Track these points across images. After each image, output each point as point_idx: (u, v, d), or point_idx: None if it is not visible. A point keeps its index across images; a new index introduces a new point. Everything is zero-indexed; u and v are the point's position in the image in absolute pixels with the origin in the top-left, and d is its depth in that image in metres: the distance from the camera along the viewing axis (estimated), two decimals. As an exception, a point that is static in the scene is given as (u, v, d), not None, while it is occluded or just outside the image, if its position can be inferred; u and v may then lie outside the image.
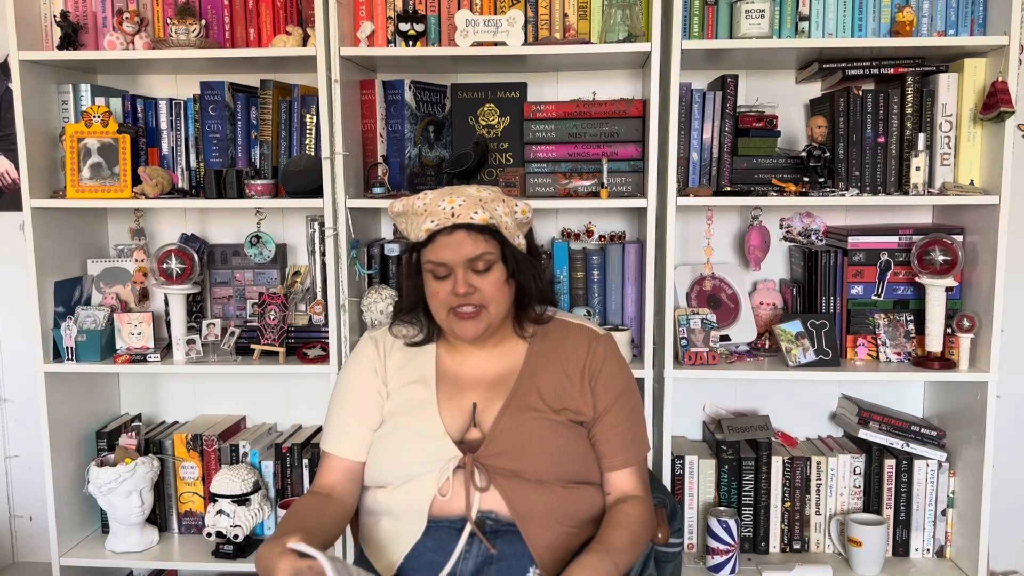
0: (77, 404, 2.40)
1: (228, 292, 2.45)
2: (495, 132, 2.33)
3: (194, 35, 2.18)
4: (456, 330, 1.57)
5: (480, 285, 1.54)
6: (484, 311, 1.56)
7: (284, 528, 1.47)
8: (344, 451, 1.62)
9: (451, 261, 1.54)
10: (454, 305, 1.55)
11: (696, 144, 2.20)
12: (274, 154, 2.32)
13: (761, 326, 2.32)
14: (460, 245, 1.54)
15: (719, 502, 2.31)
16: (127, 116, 2.34)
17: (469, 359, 1.65)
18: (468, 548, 1.51)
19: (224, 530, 2.25)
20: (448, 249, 1.54)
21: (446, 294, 1.55)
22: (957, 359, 2.16)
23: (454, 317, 1.56)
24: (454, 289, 1.54)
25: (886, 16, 2.14)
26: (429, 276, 1.58)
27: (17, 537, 2.73)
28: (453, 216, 1.53)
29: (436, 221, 1.53)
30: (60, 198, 2.26)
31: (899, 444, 2.26)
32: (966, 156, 2.14)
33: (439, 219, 1.53)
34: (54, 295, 2.29)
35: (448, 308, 1.56)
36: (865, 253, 2.26)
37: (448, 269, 1.55)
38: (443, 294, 1.55)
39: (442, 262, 1.54)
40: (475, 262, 1.54)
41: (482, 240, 1.55)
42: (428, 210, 1.56)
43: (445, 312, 1.57)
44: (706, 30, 2.15)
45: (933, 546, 2.31)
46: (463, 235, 1.54)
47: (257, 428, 2.56)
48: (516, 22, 2.13)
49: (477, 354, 1.65)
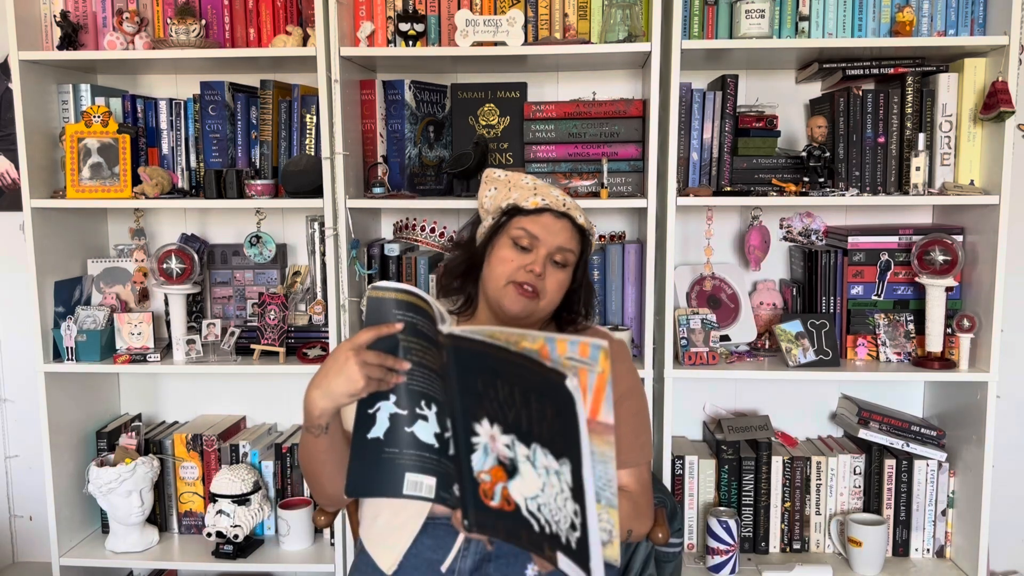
0: (77, 404, 2.40)
1: (228, 292, 2.45)
2: (495, 132, 2.33)
3: (194, 35, 2.18)
4: (506, 302, 1.60)
5: (549, 276, 1.60)
6: (537, 299, 1.60)
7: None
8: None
9: (544, 240, 1.59)
10: (520, 279, 1.58)
11: (696, 144, 2.20)
12: (274, 154, 2.32)
13: (761, 326, 2.32)
14: (560, 231, 1.61)
15: (719, 502, 2.31)
16: (127, 116, 2.34)
17: None
18: (466, 545, 1.51)
19: (224, 530, 2.25)
20: (547, 229, 1.60)
21: (518, 266, 1.59)
22: (957, 359, 2.16)
23: (512, 287, 1.59)
24: (530, 265, 1.58)
25: (886, 16, 2.14)
26: (508, 243, 1.61)
27: (17, 537, 2.73)
28: (565, 206, 1.62)
29: (548, 201, 1.61)
30: (60, 198, 2.26)
31: (899, 444, 2.26)
32: (966, 156, 2.14)
33: (551, 201, 1.61)
34: (54, 295, 2.29)
35: (511, 279, 1.59)
36: (865, 253, 2.26)
37: (535, 245, 1.60)
38: (515, 264, 1.59)
39: (536, 235, 1.60)
40: (558, 254, 1.60)
41: (575, 240, 1.63)
42: (538, 191, 1.63)
43: (505, 280, 1.59)
44: (706, 30, 2.15)
45: (933, 546, 2.31)
46: (566, 224, 1.62)
47: (257, 428, 2.56)
48: (516, 22, 2.13)
49: None
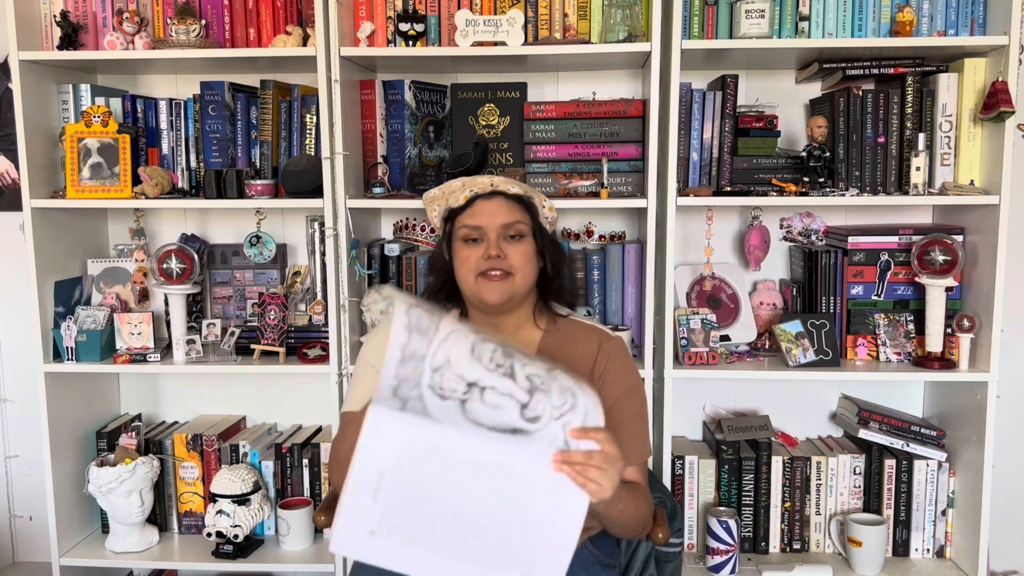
0: (77, 404, 2.40)
1: (228, 292, 2.45)
2: (495, 132, 2.33)
3: (194, 35, 2.18)
4: (483, 293, 1.61)
5: (510, 252, 1.62)
6: (510, 278, 1.61)
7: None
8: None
9: (486, 225, 1.62)
10: (483, 269, 1.61)
11: (696, 144, 2.20)
12: (274, 154, 2.32)
13: (761, 326, 2.32)
14: (496, 211, 1.63)
15: (719, 502, 2.31)
16: (127, 116, 2.34)
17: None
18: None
19: (224, 530, 2.25)
20: (484, 214, 1.63)
21: (477, 258, 1.62)
22: (957, 359, 2.16)
23: (482, 280, 1.61)
24: (485, 252, 1.61)
25: (886, 16, 2.14)
26: (460, 244, 1.65)
27: (17, 537, 2.73)
28: (492, 185, 1.66)
29: (475, 190, 1.66)
30: (60, 198, 2.26)
31: (899, 444, 2.26)
32: (966, 156, 2.14)
33: (478, 188, 1.66)
34: (54, 295, 2.29)
35: (477, 272, 1.62)
36: (865, 253, 2.26)
37: (482, 234, 1.63)
38: (474, 259, 1.62)
39: (477, 225, 1.63)
40: (508, 228, 1.63)
41: (517, 210, 1.65)
42: (467, 185, 1.68)
43: (473, 277, 1.62)
44: (706, 30, 2.15)
45: (933, 546, 2.31)
46: (500, 201, 1.64)
47: (257, 428, 2.56)
48: (516, 22, 2.13)
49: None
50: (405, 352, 1.24)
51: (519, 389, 1.27)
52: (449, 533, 1.28)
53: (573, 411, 1.30)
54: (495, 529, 1.29)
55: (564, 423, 1.30)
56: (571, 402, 1.30)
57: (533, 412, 1.29)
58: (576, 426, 1.30)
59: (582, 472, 1.29)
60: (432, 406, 1.27)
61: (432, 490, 1.28)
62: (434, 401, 1.27)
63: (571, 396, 1.30)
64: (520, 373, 1.28)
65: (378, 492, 1.26)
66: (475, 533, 1.29)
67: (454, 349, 1.26)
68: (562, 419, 1.30)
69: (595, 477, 1.29)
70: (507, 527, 1.29)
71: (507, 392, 1.27)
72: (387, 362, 1.23)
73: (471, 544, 1.29)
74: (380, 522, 1.27)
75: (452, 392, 1.27)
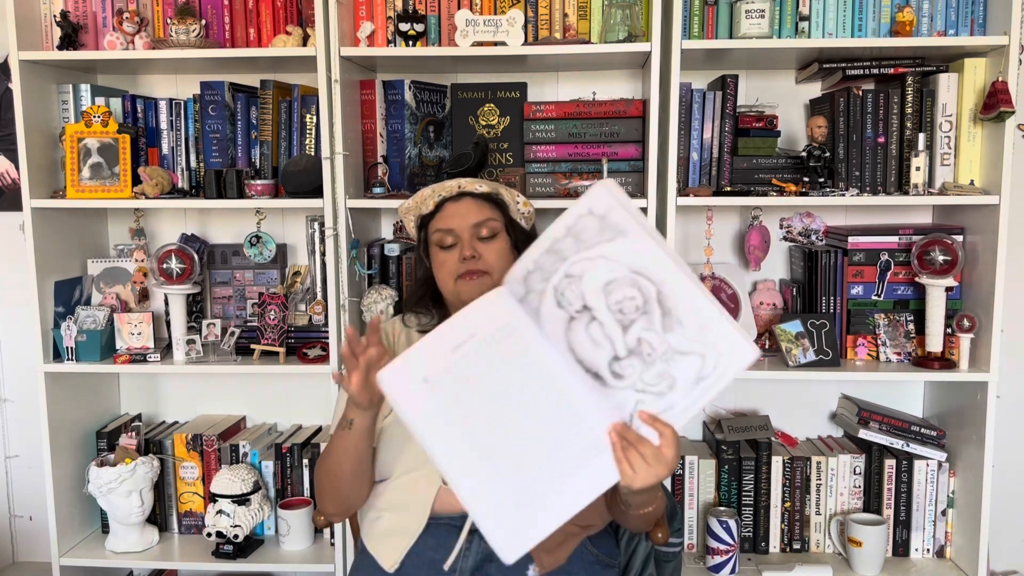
0: (77, 404, 2.40)
1: (228, 292, 2.45)
2: (495, 132, 2.33)
3: (194, 35, 2.18)
4: (463, 295, 1.61)
5: (484, 252, 1.62)
6: (487, 277, 1.61)
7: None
8: None
9: (458, 227, 1.64)
10: (460, 271, 1.62)
11: (696, 144, 2.20)
12: (274, 154, 2.32)
13: (761, 326, 2.32)
14: (466, 212, 1.65)
15: (719, 502, 2.31)
16: (127, 116, 2.34)
17: None
18: (468, 545, 1.51)
19: (224, 530, 2.25)
20: (455, 217, 1.65)
21: (453, 262, 1.63)
22: (957, 359, 2.16)
23: (461, 282, 1.62)
24: (460, 254, 1.62)
25: (886, 16, 2.14)
26: (436, 249, 1.67)
27: (17, 537, 2.73)
28: (459, 187, 1.68)
29: (441, 194, 1.69)
30: (60, 198, 2.26)
31: (899, 444, 2.26)
32: (966, 156, 2.14)
33: (444, 192, 1.69)
34: (54, 295, 2.29)
35: (455, 276, 1.63)
36: (865, 253, 2.26)
37: (455, 237, 1.64)
38: (450, 263, 1.63)
39: (449, 228, 1.64)
40: (480, 228, 1.63)
41: (487, 207, 1.67)
42: (435, 191, 1.71)
43: (452, 281, 1.63)
44: (706, 30, 2.15)
45: (933, 546, 2.31)
46: (469, 202, 1.66)
47: (257, 428, 2.56)
48: (516, 22, 2.13)
49: None
50: (555, 245, 1.31)
51: (621, 342, 1.28)
52: (482, 426, 1.30)
53: (657, 397, 1.27)
54: (521, 448, 1.29)
55: (639, 400, 1.28)
56: (661, 388, 1.27)
57: (620, 370, 1.29)
58: (649, 411, 1.28)
59: (626, 452, 1.27)
60: (546, 307, 1.32)
61: (496, 381, 1.31)
62: (550, 304, 1.32)
63: (667, 385, 1.27)
64: (635, 331, 1.28)
65: (458, 348, 1.31)
66: (504, 440, 1.30)
67: (592, 270, 1.29)
68: (641, 394, 1.28)
69: (636, 464, 1.27)
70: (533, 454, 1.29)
71: (609, 336, 1.28)
72: (536, 244, 1.32)
73: (493, 447, 1.30)
74: (440, 377, 1.31)
75: (568, 304, 1.31)
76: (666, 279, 1.27)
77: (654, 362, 1.27)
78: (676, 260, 1.28)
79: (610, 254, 1.29)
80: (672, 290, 1.27)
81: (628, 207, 1.29)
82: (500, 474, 1.29)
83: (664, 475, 1.29)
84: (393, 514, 1.57)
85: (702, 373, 1.26)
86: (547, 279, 1.32)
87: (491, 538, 1.29)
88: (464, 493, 1.29)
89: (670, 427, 1.27)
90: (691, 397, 1.26)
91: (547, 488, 1.29)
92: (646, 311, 1.28)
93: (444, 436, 1.30)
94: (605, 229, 1.30)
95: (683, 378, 1.26)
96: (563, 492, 1.29)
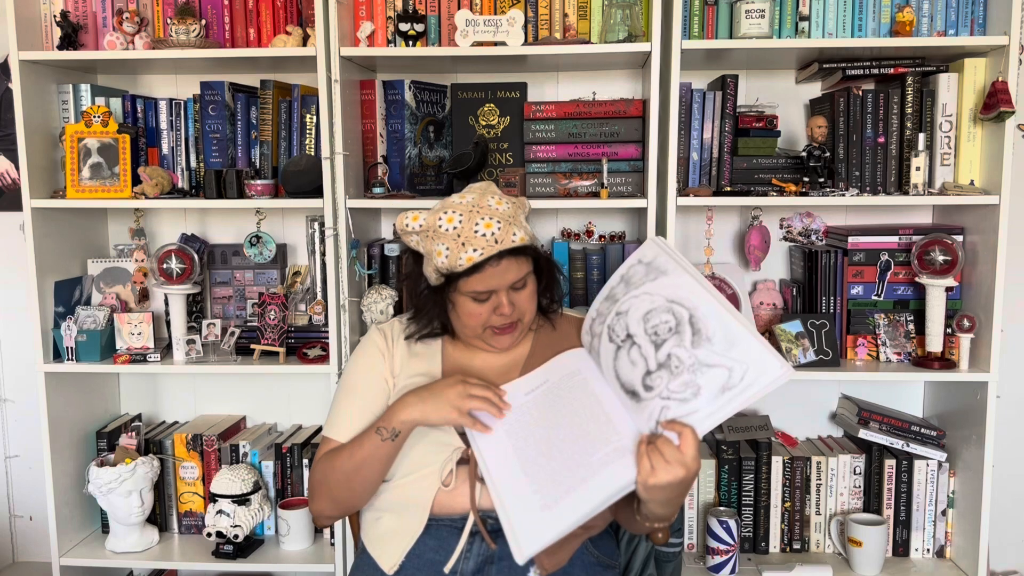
0: (77, 404, 2.40)
1: (228, 292, 2.45)
2: (495, 132, 2.33)
3: (194, 35, 2.18)
4: (493, 344, 1.62)
5: (517, 301, 1.58)
6: (520, 323, 1.61)
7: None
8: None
9: (498, 285, 1.55)
10: (495, 324, 1.58)
11: (696, 144, 2.20)
12: (274, 154, 2.32)
13: (761, 326, 2.32)
14: (506, 271, 1.54)
15: (719, 502, 2.31)
16: (127, 116, 2.34)
17: (476, 351, 1.66)
18: (469, 547, 1.51)
19: (224, 530, 2.25)
20: (495, 278, 1.54)
21: (486, 314, 1.57)
22: (957, 359, 2.16)
23: (490, 333, 1.60)
24: (498, 311, 1.56)
25: (886, 16, 2.14)
26: (466, 300, 1.57)
27: (17, 537, 2.73)
28: (497, 243, 1.51)
29: (479, 250, 1.50)
30: (60, 198, 2.26)
31: (899, 444, 2.26)
32: (966, 156, 2.14)
33: (481, 247, 1.50)
34: (54, 295, 2.29)
35: (485, 326, 1.59)
36: (865, 253, 2.26)
37: (491, 295, 1.56)
38: (484, 315, 1.57)
39: (488, 290, 1.55)
40: (517, 282, 1.57)
41: (524, 262, 1.57)
42: (463, 237, 1.51)
43: (481, 329, 1.60)
44: (706, 30, 2.15)
45: (933, 546, 2.31)
46: (509, 261, 1.54)
47: (257, 428, 2.56)
48: (516, 22, 2.13)
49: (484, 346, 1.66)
50: (612, 292, 1.53)
51: (653, 358, 1.39)
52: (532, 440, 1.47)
53: (681, 403, 1.34)
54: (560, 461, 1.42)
55: (664, 406, 1.35)
56: (686, 396, 1.34)
57: (651, 382, 1.39)
58: (671, 415, 1.34)
59: (649, 451, 1.32)
60: (603, 345, 1.50)
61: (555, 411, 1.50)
62: (605, 340, 1.50)
63: (692, 393, 1.34)
64: (666, 348, 1.38)
65: (531, 393, 1.54)
66: (547, 453, 1.44)
67: (636, 305, 1.46)
68: (666, 401, 1.35)
69: (655, 461, 1.31)
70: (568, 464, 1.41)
71: (644, 355, 1.41)
72: (599, 294, 1.56)
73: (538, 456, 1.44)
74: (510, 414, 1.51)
75: (616, 336, 1.47)
76: (699, 304, 1.38)
77: (681, 372, 1.35)
78: (710, 290, 1.40)
79: (652, 290, 1.45)
80: (704, 314, 1.37)
81: (671, 252, 1.48)
82: (536, 480, 1.42)
83: (682, 476, 1.32)
84: (393, 515, 1.57)
85: (728, 383, 1.32)
86: (604, 321, 1.51)
87: (511, 535, 1.39)
88: (498, 489, 1.43)
89: (689, 427, 1.31)
90: (715, 404, 1.32)
91: (570, 491, 1.38)
92: (678, 331, 1.38)
93: (496, 444, 1.48)
94: (650, 271, 1.48)
95: (708, 387, 1.33)
96: (583, 494, 1.37)
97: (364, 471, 1.53)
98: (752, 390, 1.31)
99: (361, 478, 1.54)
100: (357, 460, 1.53)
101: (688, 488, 1.37)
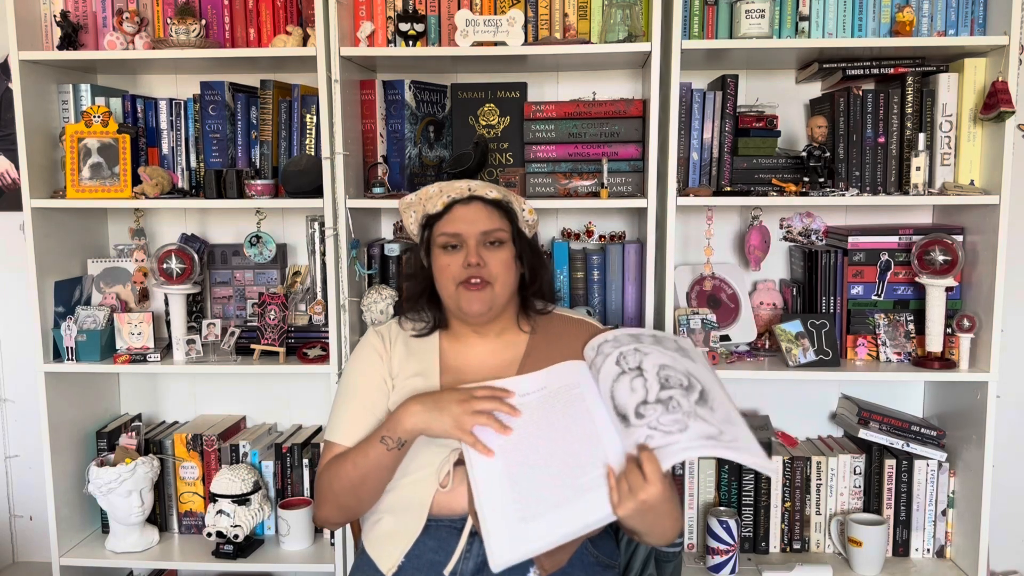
0: (77, 404, 2.40)
1: (228, 292, 2.45)
2: (495, 132, 2.33)
3: (194, 35, 2.18)
4: (463, 304, 1.61)
5: (489, 260, 1.60)
6: (490, 287, 1.61)
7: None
8: (354, 442, 1.61)
9: (465, 232, 1.61)
10: (463, 278, 1.60)
11: (696, 144, 2.20)
12: (274, 154, 2.32)
13: (761, 326, 2.32)
14: (476, 217, 1.61)
15: (719, 502, 2.31)
16: (127, 116, 2.34)
17: (472, 350, 1.67)
18: (468, 548, 1.51)
19: (224, 530, 2.25)
20: (463, 221, 1.62)
21: (457, 267, 1.60)
22: (957, 359, 2.16)
23: (462, 290, 1.61)
24: (465, 260, 1.59)
25: (886, 16, 2.14)
26: (439, 252, 1.63)
27: (17, 537, 2.73)
28: (470, 190, 1.63)
29: (452, 195, 1.63)
30: (60, 198, 2.26)
31: (899, 444, 2.26)
32: (966, 156, 2.14)
33: (455, 193, 1.63)
34: (54, 295, 2.29)
35: (457, 282, 1.60)
36: (865, 253, 2.26)
37: (460, 240, 1.61)
38: (454, 267, 1.61)
39: (456, 232, 1.61)
40: (488, 236, 1.61)
41: (496, 216, 1.63)
42: (443, 190, 1.65)
43: (454, 286, 1.61)
44: (706, 30, 2.15)
45: (933, 546, 2.31)
46: (479, 207, 1.62)
47: (257, 428, 2.56)
48: (516, 22, 2.13)
49: (479, 345, 1.67)
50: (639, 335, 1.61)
51: (654, 393, 1.46)
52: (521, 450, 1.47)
53: (666, 435, 1.39)
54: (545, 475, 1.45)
55: (649, 435, 1.40)
56: (669, 431, 1.39)
57: (644, 411, 1.44)
58: (654, 445, 1.38)
59: (619, 480, 1.39)
60: (606, 365, 1.54)
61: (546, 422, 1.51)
62: (610, 362, 1.55)
63: (679, 429, 1.39)
64: (670, 392, 1.46)
65: (527, 395, 1.54)
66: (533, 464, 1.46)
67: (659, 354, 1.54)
68: (652, 431, 1.40)
69: (621, 491, 1.37)
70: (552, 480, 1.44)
71: (647, 388, 1.47)
72: (627, 328, 1.66)
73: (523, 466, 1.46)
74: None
75: (625, 363, 1.53)
76: (711, 388, 1.49)
77: (675, 412, 1.41)
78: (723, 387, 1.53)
79: (678, 361, 1.53)
80: (713, 396, 1.48)
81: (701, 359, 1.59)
82: (519, 488, 1.44)
83: (637, 507, 1.36)
84: (392, 516, 1.57)
85: (715, 436, 1.38)
86: (618, 346, 1.56)
87: (488, 541, 1.41)
88: (481, 496, 1.45)
89: (654, 458, 1.36)
90: (695, 443, 1.37)
91: (551, 510, 1.41)
92: (687, 389, 1.47)
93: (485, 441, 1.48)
94: (679, 351, 1.58)
95: (696, 429, 1.39)
96: (563, 514, 1.41)
97: (370, 480, 1.54)
98: (733, 453, 1.38)
99: (367, 487, 1.55)
100: (363, 469, 1.54)
101: (660, 512, 1.40)
